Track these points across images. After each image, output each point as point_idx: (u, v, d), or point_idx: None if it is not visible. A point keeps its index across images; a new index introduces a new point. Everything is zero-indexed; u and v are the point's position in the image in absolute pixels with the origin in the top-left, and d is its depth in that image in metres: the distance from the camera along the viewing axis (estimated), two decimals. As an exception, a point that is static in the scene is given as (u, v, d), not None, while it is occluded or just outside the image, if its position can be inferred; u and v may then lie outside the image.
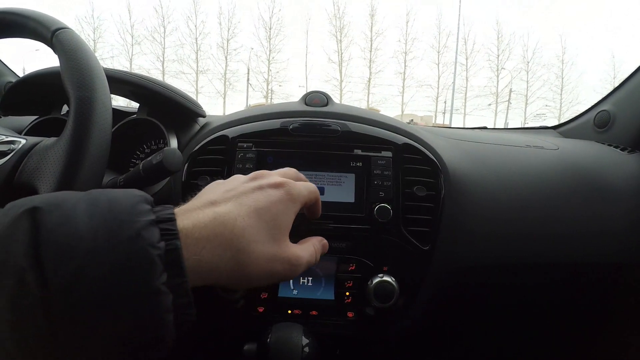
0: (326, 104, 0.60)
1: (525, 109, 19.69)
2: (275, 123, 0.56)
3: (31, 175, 0.38)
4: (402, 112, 19.74)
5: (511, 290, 0.61)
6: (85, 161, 0.37)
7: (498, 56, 19.65)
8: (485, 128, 1.02)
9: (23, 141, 0.41)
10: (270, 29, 19.65)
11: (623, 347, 0.71)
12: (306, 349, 0.40)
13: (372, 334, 0.53)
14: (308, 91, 0.61)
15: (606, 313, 0.69)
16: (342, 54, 20.03)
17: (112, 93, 0.54)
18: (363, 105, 18.27)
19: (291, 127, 0.55)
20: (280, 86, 19.80)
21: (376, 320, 0.52)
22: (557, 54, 19.55)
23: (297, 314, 0.52)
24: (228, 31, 19.56)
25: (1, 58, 0.83)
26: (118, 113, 0.62)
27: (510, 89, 19.48)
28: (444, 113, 19.24)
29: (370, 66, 19.96)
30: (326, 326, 0.52)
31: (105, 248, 0.20)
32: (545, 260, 0.57)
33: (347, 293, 0.51)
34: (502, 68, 19.65)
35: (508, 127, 1.41)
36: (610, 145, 0.74)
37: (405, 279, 0.51)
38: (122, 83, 0.55)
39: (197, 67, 19.30)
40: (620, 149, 0.71)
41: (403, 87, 20.13)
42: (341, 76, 19.95)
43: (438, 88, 20.13)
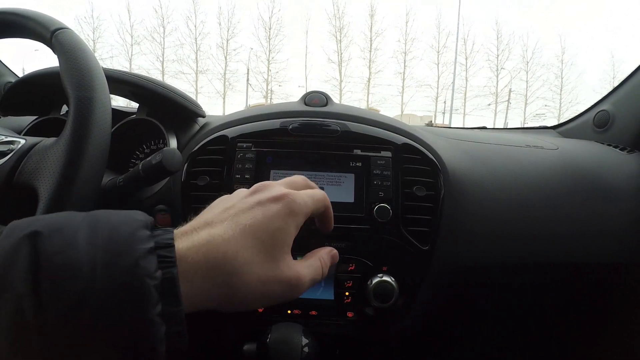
0: (326, 104, 0.60)
1: (524, 109, 19.75)
2: (274, 123, 0.56)
3: (31, 175, 0.38)
4: (402, 112, 19.76)
5: (511, 290, 0.61)
6: (84, 161, 0.37)
7: (497, 56, 19.72)
8: (484, 128, 1.02)
9: (22, 141, 0.41)
10: (269, 29, 19.71)
11: (623, 347, 0.71)
12: (306, 349, 0.40)
13: (372, 334, 0.53)
14: (308, 91, 0.61)
15: (606, 313, 0.69)
16: (342, 54, 20.09)
17: (112, 93, 0.54)
18: (363, 105, 18.28)
19: (291, 127, 0.55)
20: (279, 86, 19.85)
21: (376, 320, 0.52)
22: (557, 54, 19.64)
23: (297, 314, 0.52)
24: (228, 31, 19.61)
25: (1, 58, 0.83)
26: (118, 113, 0.62)
27: (509, 89, 19.52)
28: (444, 113, 19.27)
29: (369, 66, 20.01)
30: (326, 326, 0.52)
31: (103, 277, 0.20)
32: (545, 260, 0.57)
33: (347, 293, 0.51)
34: (502, 68, 19.71)
35: (507, 127, 1.41)
36: (609, 145, 0.74)
37: (404, 279, 0.51)
38: (122, 83, 0.55)
39: (197, 67, 19.34)
40: (619, 149, 0.71)
41: (403, 87, 20.18)
42: (341, 76, 19.98)
43: (437, 88, 20.19)
